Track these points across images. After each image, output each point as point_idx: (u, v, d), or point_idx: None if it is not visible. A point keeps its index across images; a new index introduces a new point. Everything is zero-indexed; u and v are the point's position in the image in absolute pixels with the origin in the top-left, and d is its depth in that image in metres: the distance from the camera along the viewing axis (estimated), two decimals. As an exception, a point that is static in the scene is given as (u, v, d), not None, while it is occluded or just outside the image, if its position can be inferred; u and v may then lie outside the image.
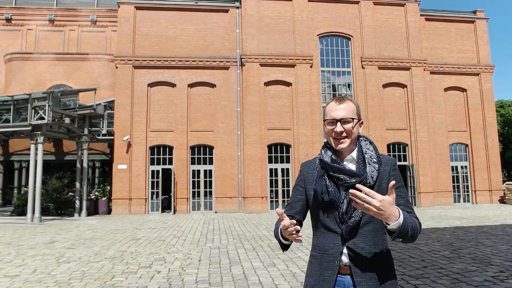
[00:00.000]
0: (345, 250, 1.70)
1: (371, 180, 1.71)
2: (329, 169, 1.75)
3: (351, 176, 1.71)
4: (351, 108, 1.77)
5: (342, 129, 1.74)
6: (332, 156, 1.79)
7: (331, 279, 1.70)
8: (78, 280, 6.03)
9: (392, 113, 20.95)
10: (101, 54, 25.08)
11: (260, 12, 20.43)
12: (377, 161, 1.76)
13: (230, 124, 19.90)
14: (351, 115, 1.76)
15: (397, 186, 1.75)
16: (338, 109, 1.76)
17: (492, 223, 12.67)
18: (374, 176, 1.72)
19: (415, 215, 1.73)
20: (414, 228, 1.62)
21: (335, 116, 1.75)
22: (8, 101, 16.56)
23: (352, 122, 1.75)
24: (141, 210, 18.65)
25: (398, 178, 1.77)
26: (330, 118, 1.77)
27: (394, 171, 1.78)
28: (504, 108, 37.41)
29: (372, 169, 1.73)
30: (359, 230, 1.69)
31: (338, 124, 1.74)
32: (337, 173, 1.73)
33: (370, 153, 1.78)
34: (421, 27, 22.05)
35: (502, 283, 5.43)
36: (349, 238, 1.70)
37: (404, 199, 1.75)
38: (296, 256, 7.79)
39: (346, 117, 1.74)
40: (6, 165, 23.68)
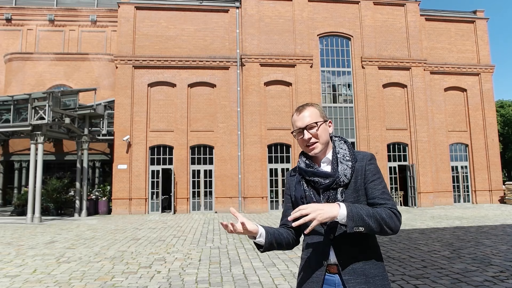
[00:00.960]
0: (332, 249, 1.72)
1: (345, 178, 1.74)
2: (305, 174, 1.82)
3: (325, 178, 1.75)
4: (313, 113, 1.82)
5: (309, 136, 1.79)
6: (306, 161, 1.85)
7: (319, 279, 1.72)
8: (78, 280, 6.03)
9: (392, 113, 20.95)
10: (101, 54, 25.08)
11: (260, 12, 20.44)
12: (350, 159, 1.79)
13: (230, 124, 19.90)
14: (314, 119, 1.80)
15: (372, 179, 1.76)
16: (299, 119, 1.82)
17: (492, 223, 12.67)
18: (347, 173, 1.74)
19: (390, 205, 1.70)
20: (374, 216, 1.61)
21: (299, 125, 1.81)
22: (8, 101, 16.56)
23: (316, 126, 1.79)
24: (141, 210, 18.65)
25: (374, 171, 1.78)
26: (296, 129, 1.82)
27: (370, 165, 1.79)
28: (504, 108, 37.41)
29: (345, 167, 1.76)
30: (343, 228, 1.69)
31: (305, 132, 1.80)
32: (312, 177, 1.79)
33: (343, 152, 1.82)
34: (421, 27, 22.05)
35: (502, 283, 5.43)
36: (335, 237, 1.72)
37: (378, 191, 1.75)
38: (296, 256, 7.79)
39: (309, 123, 1.79)
40: (6, 165, 23.68)
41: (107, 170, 23.20)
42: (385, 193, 1.75)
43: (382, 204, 1.71)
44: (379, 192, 1.75)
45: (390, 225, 1.64)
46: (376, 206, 1.70)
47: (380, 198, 1.73)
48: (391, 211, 1.68)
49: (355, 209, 1.60)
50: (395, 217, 1.67)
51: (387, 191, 1.77)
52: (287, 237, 1.85)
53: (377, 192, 1.75)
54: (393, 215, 1.67)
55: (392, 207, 1.71)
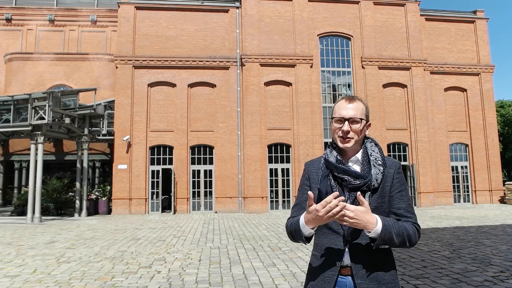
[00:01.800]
0: (347, 251, 1.69)
1: (376, 183, 1.70)
2: (334, 169, 1.75)
3: (355, 178, 1.70)
4: (360, 109, 1.76)
5: (349, 129, 1.73)
6: (337, 157, 1.77)
7: (332, 279, 1.69)
8: (78, 280, 6.03)
9: (392, 113, 20.95)
10: (101, 54, 25.08)
11: (260, 12, 20.44)
12: (382, 164, 1.75)
13: (230, 124, 19.90)
14: (360, 115, 1.74)
15: (400, 189, 1.75)
16: (347, 108, 1.75)
17: (492, 223, 12.67)
18: (378, 178, 1.71)
19: (414, 220, 1.72)
20: (402, 234, 1.61)
21: (344, 114, 1.74)
22: (8, 101, 16.56)
23: (360, 123, 1.74)
24: (141, 210, 18.65)
25: (402, 181, 1.77)
26: (338, 116, 1.75)
27: (399, 174, 1.78)
28: (504, 108, 37.39)
29: (377, 171, 1.72)
30: (362, 232, 1.68)
31: (345, 123, 1.73)
32: (341, 174, 1.72)
33: (376, 155, 1.77)
34: (421, 27, 22.05)
35: (502, 283, 5.43)
36: (351, 240, 1.69)
37: (405, 203, 1.75)
38: (296, 256, 7.79)
39: (354, 117, 1.73)
40: (6, 165, 23.68)
41: (107, 170, 23.20)
42: (410, 206, 1.76)
43: (408, 217, 1.71)
44: (406, 204, 1.74)
45: (412, 241, 1.66)
46: (401, 218, 1.70)
47: (406, 211, 1.73)
48: (415, 228, 1.69)
49: (388, 228, 1.58)
50: (417, 233, 1.69)
51: (411, 203, 1.77)
52: None
53: (404, 204, 1.74)
54: (416, 231, 1.69)
55: (416, 223, 1.72)
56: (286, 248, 8.73)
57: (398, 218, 1.72)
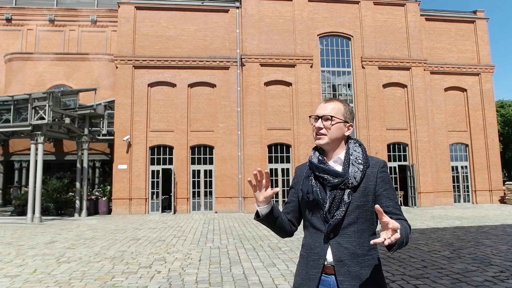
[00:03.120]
0: (329, 249, 1.72)
1: (354, 181, 1.73)
2: (315, 169, 1.81)
3: (334, 176, 1.74)
4: (337, 108, 1.82)
5: (321, 125, 1.80)
6: (319, 157, 1.84)
7: (316, 277, 1.72)
8: (78, 280, 6.03)
9: (392, 113, 20.95)
10: (101, 54, 25.08)
11: (260, 12, 20.43)
12: (362, 162, 1.78)
13: (230, 124, 19.90)
14: (334, 113, 1.80)
15: (385, 188, 1.77)
16: (322, 107, 1.84)
17: (492, 223, 12.67)
18: (357, 176, 1.74)
19: (403, 217, 1.75)
20: (408, 235, 1.65)
21: (318, 113, 1.84)
22: (8, 101, 16.56)
23: (331, 120, 1.79)
24: (141, 210, 18.65)
25: (386, 179, 1.79)
26: (314, 115, 1.85)
27: (382, 173, 1.79)
28: (504, 108, 37.40)
29: (356, 169, 1.75)
30: (344, 230, 1.71)
31: (318, 120, 1.81)
32: (321, 173, 1.78)
33: (356, 155, 1.81)
34: (421, 27, 22.05)
35: (502, 283, 5.43)
36: (333, 237, 1.72)
37: (393, 201, 1.77)
38: (296, 256, 7.79)
39: (327, 114, 1.80)
40: (6, 165, 23.68)
41: (107, 170, 23.20)
42: (398, 204, 1.78)
43: (397, 214, 1.73)
44: (393, 202, 1.77)
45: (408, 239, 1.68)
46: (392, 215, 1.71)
47: (395, 208, 1.75)
48: (408, 225, 1.72)
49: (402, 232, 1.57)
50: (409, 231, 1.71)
51: (398, 201, 1.81)
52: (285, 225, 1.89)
53: (391, 202, 1.76)
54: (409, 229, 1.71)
55: (406, 220, 1.74)
56: (286, 248, 8.73)
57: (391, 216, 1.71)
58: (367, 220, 1.74)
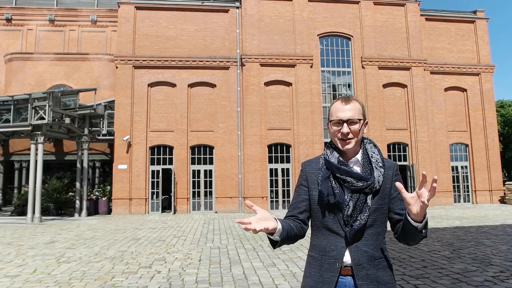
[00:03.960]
0: (347, 252, 1.69)
1: (377, 185, 1.71)
2: (336, 170, 1.73)
3: (358, 180, 1.69)
4: (357, 109, 1.75)
5: (348, 130, 1.71)
6: (339, 158, 1.76)
7: (332, 281, 1.68)
8: (78, 280, 6.03)
9: (392, 113, 20.95)
10: (101, 54, 25.08)
11: (260, 12, 20.43)
12: (382, 166, 1.76)
13: (230, 124, 19.90)
14: (358, 115, 1.73)
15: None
16: (345, 110, 1.73)
17: (492, 223, 12.67)
18: (380, 180, 1.72)
19: None
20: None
21: (342, 117, 1.72)
22: (8, 101, 16.56)
23: (359, 123, 1.73)
24: (141, 210, 18.65)
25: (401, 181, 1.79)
26: (336, 119, 1.74)
27: (397, 176, 1.81)
28: (504, 108, 37.38)
29: (379, 173, 1.73)
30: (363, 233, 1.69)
31: (344, 125, 1.71)
32: (344, 176, 1.71)
33: (376, 157, 1.78)
34: (421, 27, 22.05)
35: (502, 283, 5.43)
36: (352, 241, 1.69)
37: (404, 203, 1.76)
38: (296, 256, 7.79)
39: (353, 118, 1.72)
40: (6, 165, 23.67)
41: (107, 170, 23.19)
42: None
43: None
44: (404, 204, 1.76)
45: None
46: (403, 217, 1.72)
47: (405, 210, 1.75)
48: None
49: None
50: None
51: None
52: (296, 231, 1.75)
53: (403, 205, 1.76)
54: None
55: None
56: (286, 248, 8.73)
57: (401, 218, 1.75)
58: (382, 223, 1.74)
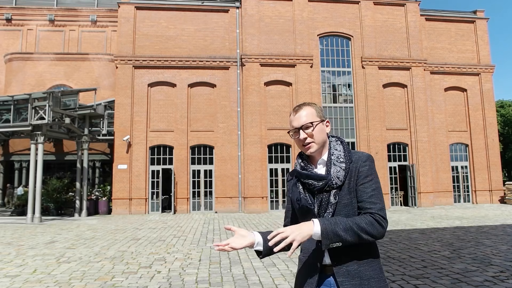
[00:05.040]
0: (327, 251, 1.71)
1: (337, 180, 1.71)
2: (300, 176, 1.81)
3: (318, 180, 1.74)
4: (309, 113, 1.80)
5: (305, 135, 1.77)
6: (301, 163, 1.84)
7: (313, 280, 1.72)
8: (79, 280, 6.03)
9: (392, 113, 20.95)
10: (101, 54, 25.09)
11: (260, 12, 20.44)
12: (344, 160, 1.76)
13: (230, 124, 19.90)
14: (310, 119, 1.78)
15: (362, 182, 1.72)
16: (296, 118, 1.80)
17: (492, 223, 12.67)
18: (340, 175, 1.72)
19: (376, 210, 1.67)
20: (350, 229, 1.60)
21: (295, 125, 1.80)
22: (8, 101, 16.57)
23: (312, 126, 1.77)
24: (141, 210, 18.65)
25: (366, 172, 1.73)
26: (292, 129, 1.81)
27: (364, 167, 1.74)
28: (505, 108, 37.40)
29: (338, 169, 1.73)
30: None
31: (300, 132, 1.78)
32: (306, 179, 1.78)
33: (338, 153, 1.79)
34: (421, 27, 22.05)
35: (502, 283, 5.43)
36: None
37: (367, 194, 1.71)
38: (296, 256, 7.78)
39: (305, 123, 1.78)
40: (6, 165, 23.69)
41: (107, 170, 23.20)
42: (373, 196, 1.71)
43: (368, 208, 1.68)
44: (368, 195, 1.71)
45: (372, 233, 1.62)
46: (362, 210, 1.70)
47: (367, 202, 1.70)
48: (373, 218, 1.65)
49: (330, 226, 1.59)
50: (376, 223, 1.64)
51: (377, 193, 1.72)
52: None
53: (365, 196, 1.71)
54: (375, 221, 1.64)
55: (377, 212, 1.67)
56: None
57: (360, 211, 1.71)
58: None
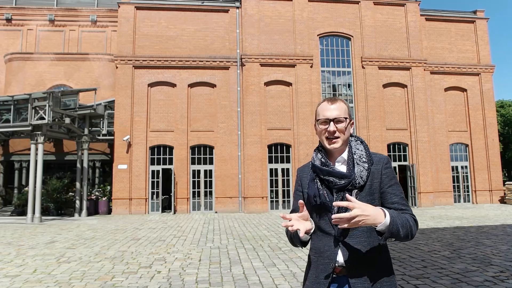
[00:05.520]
0: (340, 251, 1.70)
1: (361, 180, 1.71)
2: (319, 172, 1.78)
3: (340, 178, 1.72)
4: (343, 108, 1.79)
5: (335, 129, 1.75)
6: (321, 159, 1.80)
7: (326, 281, 1.70)
8: (79, 280, 6.03)
9: (392, 113, 20.95)
10: (101, 54, 25.07)
11: (261, 12, 20.43)
12: (367, 161, 1.76)
13: (230, 124, 19.90)
14: (343, 114, 1.77)
15: (390, 184, 1.76)
16: (331, 109, 1.78)
17: (492, 223, 12.67)
18: (363, 176, 1.72)
19: (410, 212, 1.73)
20: (406, 226, 1.63)
21: (328, 115, 1.77)
22: (9, 101, 16.56)
23: (345, 122, 1.76)
24: (141, 210, 18.65)
25: (391, 175, 1.77)
26: (323, 118, 1.78)
27: (387, 169, 1.78)
28: (505, 108, 37.38)
29: (361, 168, 1.73)
30: (353, 232, 1.69)
31: (331, 124, 1.76)
32: (327, 176, 1.75)
33: (360, 153, 1.78)
34: (421, 27, 22.05)
35: (502, 283, 5.43)
36: (343, 239, 1.70)
37: (398, 196, 1.76)
38: (296, 256, 7.79)
39: (339, 117, 1.76)
40: (7, 165, 23.67)
41: (107, 170, 23.19)
42: (404, 199, 1.76)
43: (403, 210, 1.72)
44: (399, 197, 1.75)
45: (413, 233, 1.67)
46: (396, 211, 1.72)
47: (401, 204, 1.74)
48: (414, 219, 1.71)
49: (395, 219, 1.59)
50: (416, 225, 1.70)
51: (404, 196, 1.78)
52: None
53: (397, 198, 1.75)
54: (415, 223, 1.70)
55: (413, 215, 1.73)
56: (286, 248, 8.73)
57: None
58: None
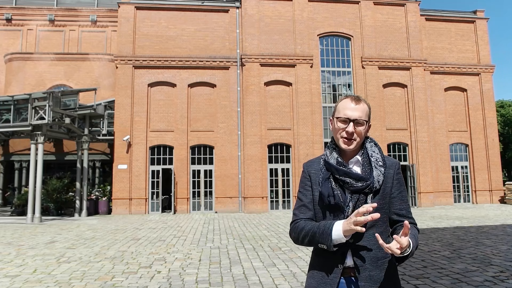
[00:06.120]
0: (349, 253, 1.68)
1: (377, 184, 1.69)
2: (335, 171, 1.72)
3: (357, 180, 1.69)
4: (365, 110, 1.74)
5: (353, 130, 1.71)
6: (338, 158, 1.75)
7: (334, 282, 1.68)
8: (79, 280, 6.03)
9: (392, 113, 20.95)
10: (101, 54, 25.07)
11: (261, 12, 20.43)
12: (383, 164, 1.74)
13: (230, 124, 19.90)
14: (364, 117, 1.73)
15: (400, 190, 1.77)
16: (353, 109, 1.72)
17: (492, 223, 12.67)
18: (380, 180, 1.70)
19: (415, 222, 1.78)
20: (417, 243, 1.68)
21: (350, 115, 1.71)
22: (9, 101, 16.56)
23: (365, 125, 1.72)
24: (141, 210, 18.65)
25: (401, 181, 1.78)
26: (344, 117, 1.73)
27: (398, 174, 1.78)
28: (505, 108, 37.37)
29: (379, 173, 1.71)
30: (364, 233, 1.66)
31: (350, 124, 1.70)
32: (343, 177, 1.70)
33: (376, 156, 1.76)
34: (421, 27, 22.04)
35: (502, 283, 5.43)
36: (354, 241, 1.67)
37: (406, 203, 1.78)
38: (296, 256, 7.79)
39: (360, 119, 1.71)
40: (7, 165, 23.67)
41: (107, 170, 23.18)
42: (409, 206, 1.79)
43: (410, 218, 1.75)
44: (406, 205, 1.77)
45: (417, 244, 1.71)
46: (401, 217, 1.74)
47: (407, 211, 1.77)
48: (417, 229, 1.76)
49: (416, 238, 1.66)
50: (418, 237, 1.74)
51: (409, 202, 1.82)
52: None
53: (405, 205, 1.76)
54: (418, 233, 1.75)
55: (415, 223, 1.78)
56: (286, 248, 8.73)
57: (400, 219, 1.75)
58: (384, 223, 1.72)
